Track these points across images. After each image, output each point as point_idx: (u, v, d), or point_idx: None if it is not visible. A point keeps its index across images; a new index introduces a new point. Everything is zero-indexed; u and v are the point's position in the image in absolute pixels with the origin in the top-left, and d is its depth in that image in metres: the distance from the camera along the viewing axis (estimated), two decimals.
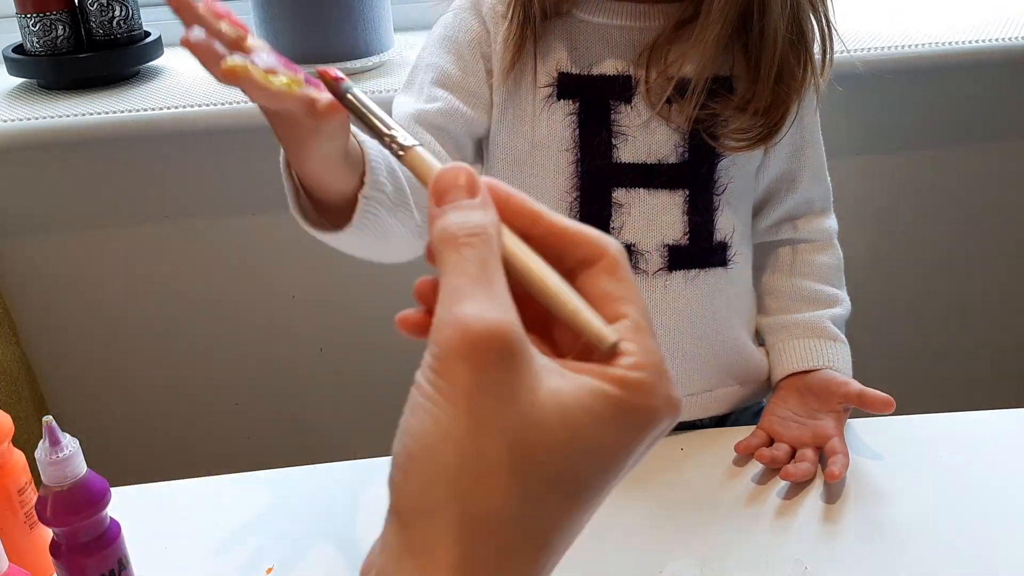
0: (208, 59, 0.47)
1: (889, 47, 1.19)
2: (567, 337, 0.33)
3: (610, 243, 0.33)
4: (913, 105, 1.25)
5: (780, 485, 0.73)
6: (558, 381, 0.30)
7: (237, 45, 0.48)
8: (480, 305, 0.29)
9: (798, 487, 0.72)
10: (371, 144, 0.64)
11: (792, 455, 0.75)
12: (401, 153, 0.40)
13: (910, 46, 1.19)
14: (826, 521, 0.69)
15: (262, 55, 0.48)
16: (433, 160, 0.38)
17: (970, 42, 1.19)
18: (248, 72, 0.46)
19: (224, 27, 0.48)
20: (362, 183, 0.63)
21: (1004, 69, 1.23)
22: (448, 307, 0.30)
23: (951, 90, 1.24)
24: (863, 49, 1.19)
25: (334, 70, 0.46)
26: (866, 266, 1.35)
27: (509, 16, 0.78)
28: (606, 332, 0.31)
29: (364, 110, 0.43)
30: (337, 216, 0.64)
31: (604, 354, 0.31)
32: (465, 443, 0.29)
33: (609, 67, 0.79)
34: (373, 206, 0.64)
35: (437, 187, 0.33)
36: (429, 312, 0.32)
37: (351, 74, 1.20)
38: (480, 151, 0.84)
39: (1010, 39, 1.19)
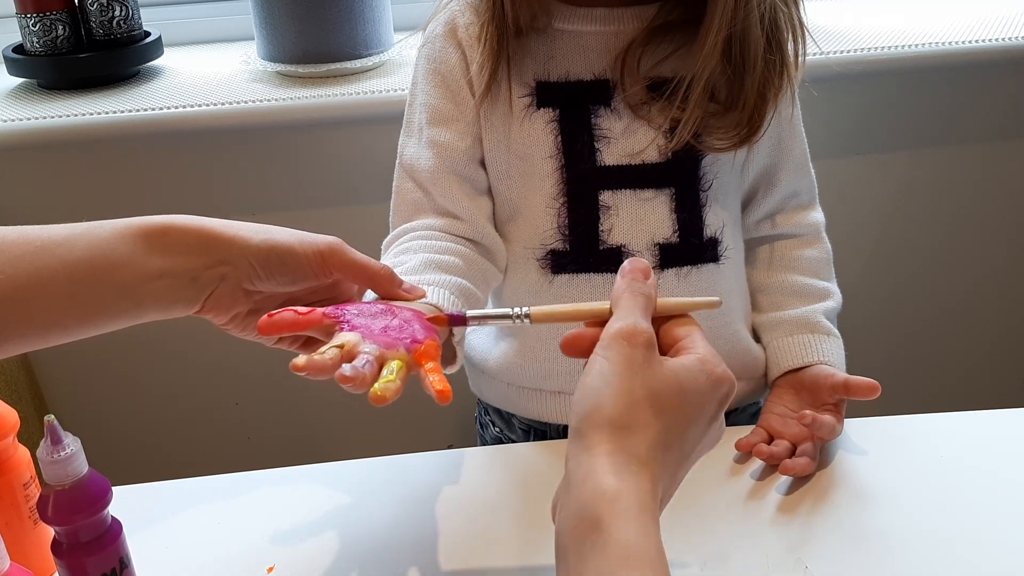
0: (361, 386, 0.53)
1: (889, 47, 1.19)
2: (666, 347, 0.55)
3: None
4: (913, 105, 1.25)
5: (779, 483, 0.73)
6: (672, 360, 0.53)
7: (350, 354, 0.55)
8: (637, 319, 0.52)
9: (798, 483, 0.72)
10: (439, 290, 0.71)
11: (792, 452, 0.75)
12: (528, 320, 0.56)
13: (910, 46, 1.19)
14: (826, 521, 0.69)
15: (365, 348, 0.55)
16: (555, 307, 0.56)
17: (970, 42, 1.19)
18: (391, 393, 0.53)
19: (330, 354, 0.54)
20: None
21: (1004, 69, 1.23)
22: (620, 318, 0.52)
23: (950, 90, 1.25)
24: (863, 49, 1.19)
25: (446, 313, 0.58)
26: (865, 266, 1.35)
27: (483, 38, 0.79)
28: (708, 299, 0.59)
29: (486, 318, 0.58)
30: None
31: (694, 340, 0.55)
32: (623, 387, 0.50)
33: (586, 72, 0.80)
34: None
35: (624, 271, 0.55)
36: (586, 334, 0.54)
37: (351, 74, 1.20)
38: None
39: (1010, 39, 1.20)
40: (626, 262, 0.55)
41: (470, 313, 0.57)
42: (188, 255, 0.60)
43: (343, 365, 0.53)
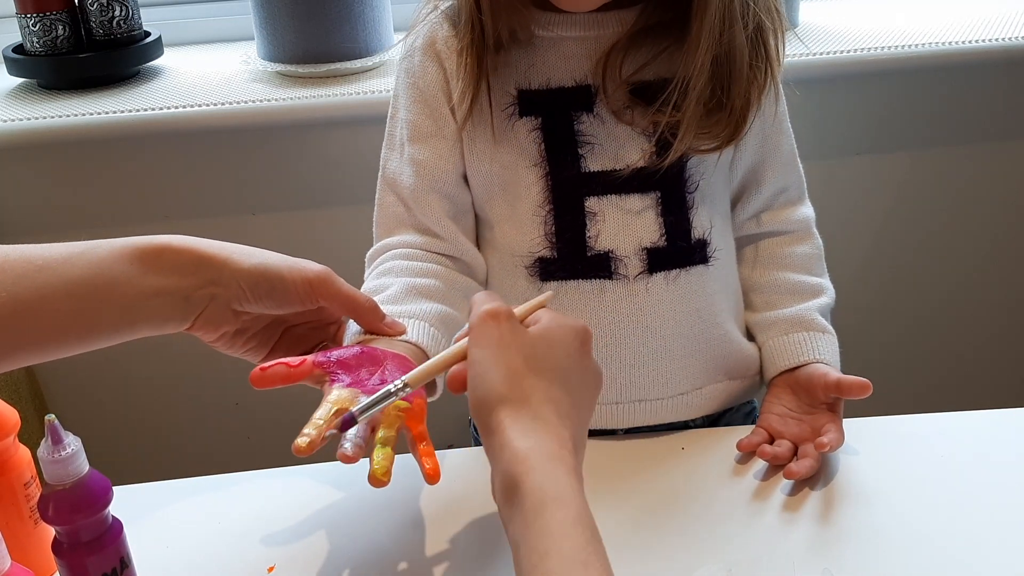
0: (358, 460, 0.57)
1: (888, 47, 1.19)
2: None
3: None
4: (912, 105, 1.25)
5: (784, 483, 0.72)
6: (532, 327, 0.59)
7: (345, 410, 0.59)
8: (492, 303, 0.58)
9: (801, 483, 0.72)
10: (422, 331, 0.74)
11: (794, 452, 0.75)
12: (408, 390, 0.59)
13: (909, 46, 1.19)
14: (833, 522, 0.69)
15: (361, 399, 0.59)
16: (424, 365, 0.60)
17: (970, 42, 1.19)
18: (389, 476, 0.57)
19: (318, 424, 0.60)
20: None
21: (1004, 69, 1.23)
22: (478, 307, 0.58)
23: (950, 90, 1.25)
24: (863, 49, 1.19)
25: (338, 421, 0.58)
26: (865, 266, 1.35)
27: (463, 63, 0.79)
28: (543, 296, 0.64)
29: (371, 407, 0.58)
30: None
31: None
32: (502, 363, 0.55)
33: (567, 79, 0.80)
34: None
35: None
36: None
37: (351, 74, 1.20)
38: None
39: (1010, 39, 1.20)
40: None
41: (356, 411, 0.58)
42: (181, 275, 0.62)
43: (345, 444, 0.57)
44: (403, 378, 0.59)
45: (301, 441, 0.57)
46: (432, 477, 0.58)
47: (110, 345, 0.62)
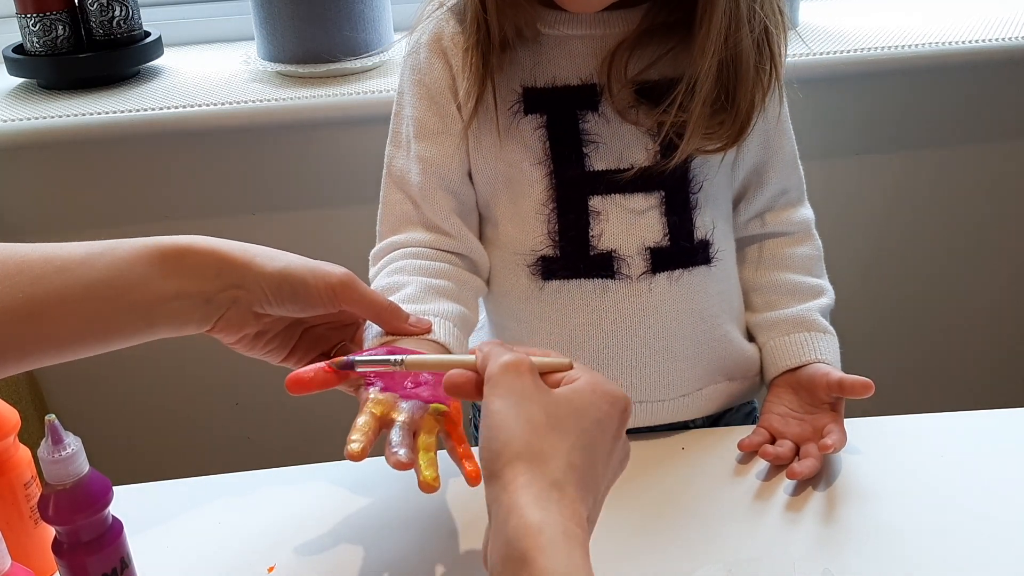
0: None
1: (889, 47, 1.19)
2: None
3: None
4: (912, 105, 1.26)
5: (786, 483, 0.73)
6: (560, 388, 0.54)
7: (386, 418, 0.60)
8: (514, 354, 0.54)
9: (803, 484, 0.72)
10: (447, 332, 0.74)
11: (796, 452, 0.75)
12: (403, 367, 0.59)
13: (910, 46, 1.19)
14: (835, 522, 0.69)
15: (401, 415, 0.60)
16: (427, 356, 0.60)
17: (970, 42, 1.19)
18: (439, 481, 0.58)
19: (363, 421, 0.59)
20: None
21: (1004, 69, 1.23)
22: (497, 357, 0.54)
23: (951, 90, 1.25)
24: (863, 49, 1.19)
25: (339, 360, 0.61)
26: (865, 266, 1.35)
27: (469, 63, 0.79)
28: (564, 360, 0.56)
29: (371, 362, 0.60)
30: None
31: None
32: (523, 417, 0.51)
33: (573, 78, 0.79)
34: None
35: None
36: (468, 376, 0.55)
37: (351, 73, 1.20)
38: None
39: (1010, 39, 1.20)
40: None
41: (357, 359, 0.61)
42: (203, 278, 0.62)
43: (399, 451, 0.57)
44: (402, 357, 0.59)
45: (355, 447, 0.56)
46: (474, 479, 0.58)
47: (129, 346, 0.62)
